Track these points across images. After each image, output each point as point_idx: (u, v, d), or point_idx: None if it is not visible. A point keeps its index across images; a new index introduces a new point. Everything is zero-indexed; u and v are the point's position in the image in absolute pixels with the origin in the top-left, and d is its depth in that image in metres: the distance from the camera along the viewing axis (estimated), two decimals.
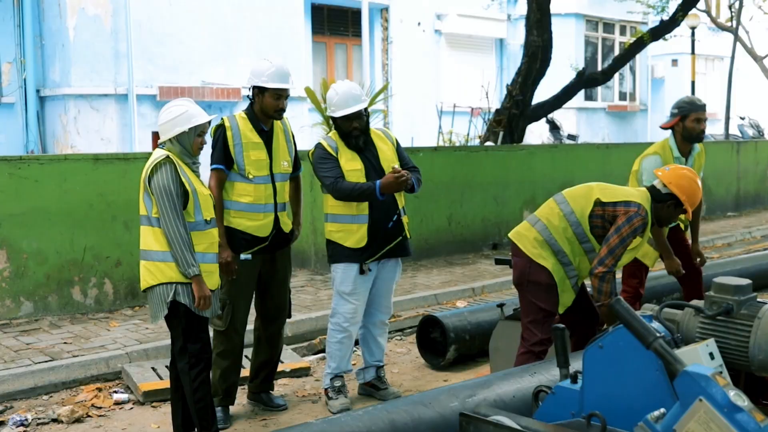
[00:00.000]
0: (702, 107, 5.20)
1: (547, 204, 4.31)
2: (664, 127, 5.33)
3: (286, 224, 4.51)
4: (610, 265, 3.96)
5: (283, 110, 4.41)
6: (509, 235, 4.37)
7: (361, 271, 4.49)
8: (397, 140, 4.75)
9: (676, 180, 4.10)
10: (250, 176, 4.32)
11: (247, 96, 4.44)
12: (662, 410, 2.27)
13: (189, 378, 3.80)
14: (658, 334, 2.39)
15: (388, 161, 4.53)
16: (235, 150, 4.29)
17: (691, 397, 2.18)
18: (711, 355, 2.71)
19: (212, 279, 3.82)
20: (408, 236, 4.64)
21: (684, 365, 2.26)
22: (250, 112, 4.40)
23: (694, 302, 3.10)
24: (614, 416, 2.46)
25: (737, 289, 2.96)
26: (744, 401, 2.12)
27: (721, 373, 2.39)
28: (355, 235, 4.46)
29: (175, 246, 3.64)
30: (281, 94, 4.34)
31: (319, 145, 4.53)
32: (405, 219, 4.62)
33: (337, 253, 4.53)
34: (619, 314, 2.43)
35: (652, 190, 4.16)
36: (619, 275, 5.38)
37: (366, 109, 4.52)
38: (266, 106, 4.35)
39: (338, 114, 4.45)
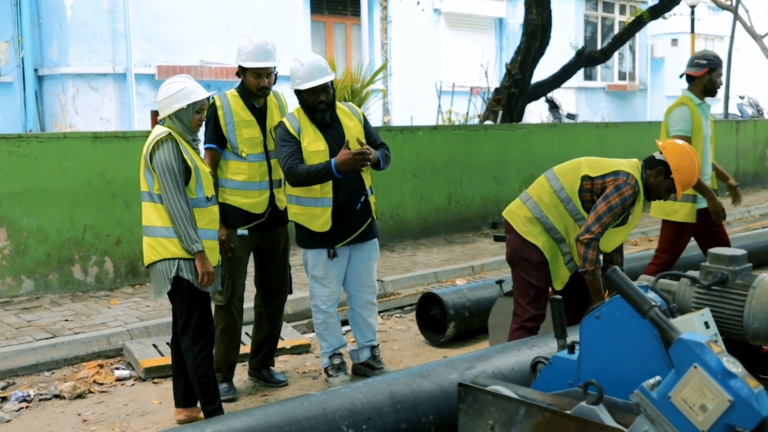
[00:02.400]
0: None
1: (538, 181, 4.27)
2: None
3: (282, 201, 4.49)
4: (597, 232, 3.92)
5: (267, 88, 4.33)
6: (503, 212, 4.37)
7: (331, 256, 4.41)
8: (364, 115, 4.59)
9: (672, 149, 4.02)
10: (244, 154, 4.29)
11: (236, 74, 4.40)
12: (658, 378, 2.30)
13: (192, 354, 3.82)
14: (653, 303, 2.41)
15: (354, 139, 4.36)
16: (227, 128, 4.26)
17: (686, 364, 2.21)
18: (706, 324, 2.74)
19: (213, 255, 3.84)
20: (375, 217, 4.52)
21: (679, 333, 2.29)
22: (241, 90, 4.36)
23: (690, 273, 3.12)
24: (611, 385, 2.49)
25: (732, 260, 2.99)
26: (738, 368, 2.15)
27: (716, 341, 2.42)
28: (320, 219, 4.33)
29: (178, 222, 3.64)
30: (261, 73, 4.28)
31: (281, 124, 4.36)
32: (372, 199, 4.49)
33: (304, 237, 4.43)
34: (614, 283, 2.45)
35: (646, 159, 4.11)
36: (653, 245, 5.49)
37: (332, 82, 4.39)
38: (248, 85, 4.31)
39: (304, 86, 4.28)
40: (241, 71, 4.33)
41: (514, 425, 2.54)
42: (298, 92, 4.37)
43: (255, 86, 4.31)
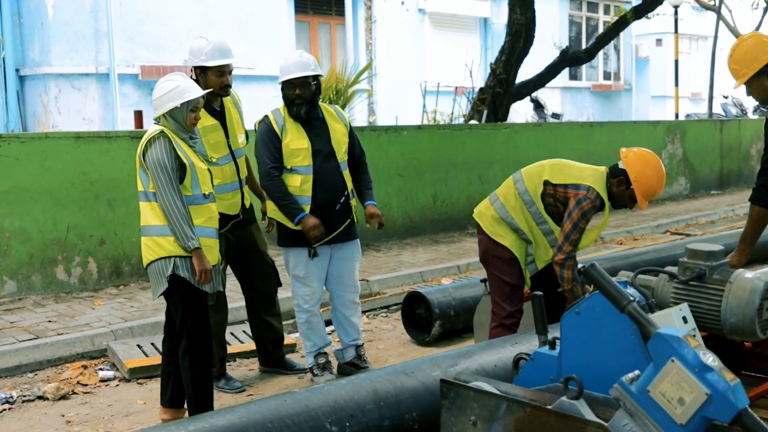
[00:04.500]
0: None
1: (506, 182, 4.31)
2: None
3: (248, 198, 4.52)
4: (568, 251, 3.97)
5: (229, 86, 4.33)
6: (474, 213, 4.40)
7: (311, 255, 4.41)
8: (350, 123, 4.63)
9: (635, 159, 3.98)
10: (213, 160, 4.27)
11: (191, 77, 4.28)
12: (637, 372, 2.32)
13: (187, 358, 3.75)
14: (632, 299, 2.44)
15: (339, 142, 4.42)
16: None
17: (664, 358, 2.23)
18: (684, 318, 2.77)
19: (212, 254, 3.78)
20: (356, 220, 4.55)
21: (657, 328, 2.31)
22: None
23: (668, 268, 3.15)
24: (591, 380, 2.51)
25: (709, 255, 3.02)
26: (714, 361, 2.18)
27: (694, 336, 2.44)
28: None
29: (173, 219, 3.60)
30: (224, 71, 4.27)
31: (265, 119, 4.38)
32: (353, 202, 4.52)
33: (283, 235, 4.45)
34: (593, 279, 2.47)
35: (611, 167, 4.07)
36: None
37: (317, 79, 4.40)
38: (211, 85, 4.25)
39: (282, 78, 4.32)
40: (200, 72, 4.27)
41: (496, 421, 2.56)
42: (281, 86, 4.40)
43: (219, 85, 4.28)
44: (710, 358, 2.19)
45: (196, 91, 3.75)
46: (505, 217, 4.18)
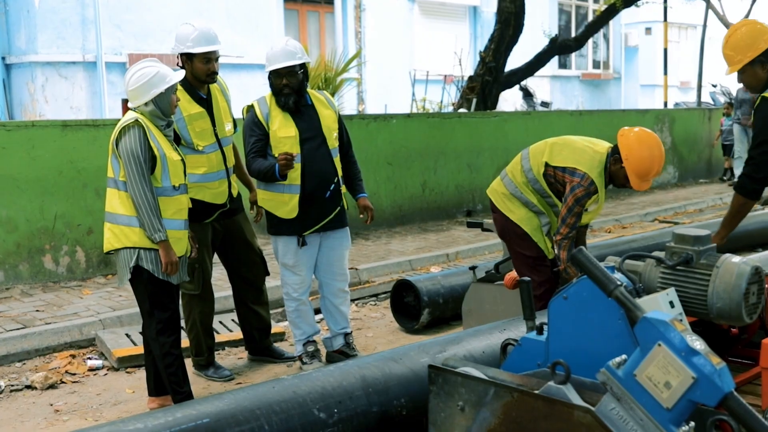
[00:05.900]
0: None
1: (515, 159, 4.43)
2: None
3: (235, 188, 4.51)
4: (565, 233, 4.07)
5: (216, 73, 4.30)
6: (487, 191, 4.52)
7: (300, 243, 4.41)
8: (339, 111, 4.62)
9: (629, 138, 3.96)
10: (200, 148, 4.24)
11: (178, 64, 4.27)
12: (624, 356, 2.33)
13: (158, 344, 3.82)
14: (619, 283, 2.44)
15: (330, 129, 4.41)
16: (178, 125, 4.15)
17: (651, 342, 2.24)
18: (671, 303, 2.78)
19: (180, 245, 3.81)
20: (346, 207, 4.55)
21: (644, 312, 2.32)
22: (185, 82, 4.22)
23: (656, 253, 3.16)
24: (579, 365, 2.52)
25: (697, 240, 3.03)
26: (701, 345, 2.19)
27: (680, 320, 2.45)
28: (286, 206, 4.34)
29: (142, 211, 3.62)
30: (210, 57, 4.23)
31: (251, 108, 4.39)
32: (343, 189, 4.52)
33: (273, 224, 4.44)
34: (581, 264, 2.47)
35: (614, 146, 4.11)
36: None
37: (304, 67, 4.37)
38: (197, 72, 4.22)
39: (269, 68, 4.30)
40: (186, 59, 4.23)
41: (484, 406, 2.56)
42: (268, 75, 4.38)
43: (205, 72, 4.24)
44: (697, 342, 2.19)
45: (177, 74, 3.79)
46: (515, 192, 4.30)
